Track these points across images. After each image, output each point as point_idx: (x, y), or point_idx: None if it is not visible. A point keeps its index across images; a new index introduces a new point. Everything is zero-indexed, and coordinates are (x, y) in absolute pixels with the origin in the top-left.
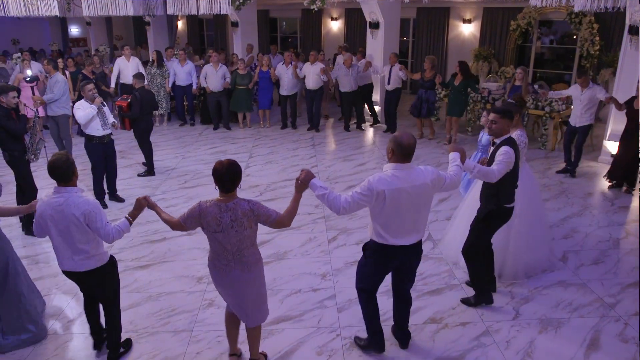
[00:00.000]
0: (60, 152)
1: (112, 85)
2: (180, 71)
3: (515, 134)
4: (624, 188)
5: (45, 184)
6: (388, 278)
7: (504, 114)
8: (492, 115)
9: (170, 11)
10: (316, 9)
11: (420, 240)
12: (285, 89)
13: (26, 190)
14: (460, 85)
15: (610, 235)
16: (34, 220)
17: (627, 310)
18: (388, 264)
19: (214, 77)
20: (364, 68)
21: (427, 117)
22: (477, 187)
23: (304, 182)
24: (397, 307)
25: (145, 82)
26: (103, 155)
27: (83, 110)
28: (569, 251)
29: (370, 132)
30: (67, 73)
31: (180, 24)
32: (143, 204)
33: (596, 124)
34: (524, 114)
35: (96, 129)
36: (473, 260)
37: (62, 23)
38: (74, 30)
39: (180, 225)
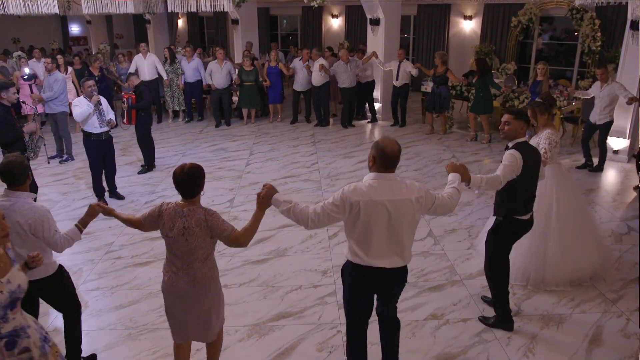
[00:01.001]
0: (16, 154)
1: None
2: (187, 67)
3: (545, 132)
4: None
5: (44, 182)
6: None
7: (519, 115)
8: (505, 117)
9: (170, 9)
10: (316, 6)
11: (405, 266)
12: (299, 85)
13: None
14: (477, 83)
15: (612, 231)
16: None
17: (629, 306)
18: (367, 288)
19: (219, 73)
20: (365, 60)
21: (442, 112)
22: None
23: (265, 198)
24: (385, 331)
25: (165, 77)
26: (101, 152)
27: (80, 108)
28: None
29: (370, 129)
30: (71, 70)
31: (180, 22)
32: (97, 210)
33: None
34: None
35: (93, 126)
36: (492, 279)
37: (62, 21)
38: (74, 29)
39: (140, 223)
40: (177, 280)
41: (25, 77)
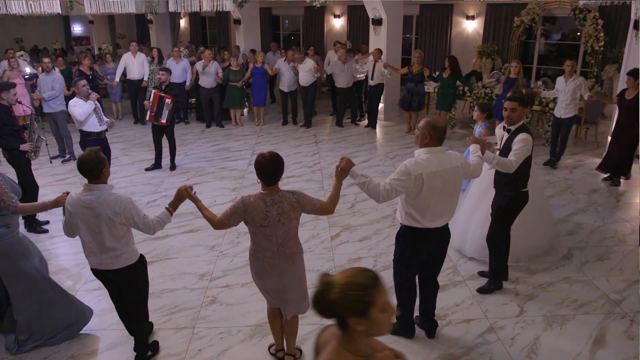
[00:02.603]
0: (92, 148)
1: (117, 79)
2: (175, 68)
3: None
4: (622, 179)
5: (46, 182)
6: None
7: (523, 102)
8: (510, 104)
9: (172, 8)
10: (319, 6)
11: (447, 223)
12: (286, 86)
13: (27, 187)
14: (447, 79)
15: (615, 231)
16: (63, 219)
17: (633, 307)
18: (423, 248)
19: (207, 74)
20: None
21: (418, 111)
22: (476, 179)
23: (344, 169)
24: (425, 292)
25: (145, 79)
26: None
27: (80, 107)
28: (574, 247)
29: (372, 129)
30: (57, 70)
31: (182, 22)
32: (185, 194)
33: (601, 121)
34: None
35: (94, 125)
36: (498, 250)
37: (65, 21)
38: (77, 29)
39: (223, 223)
40: (277, 262)
41: (27, 76)
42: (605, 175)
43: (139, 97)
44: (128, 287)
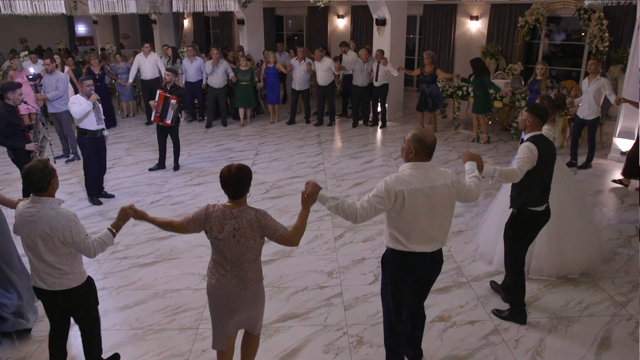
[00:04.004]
0: (41, 159)
1: (131, 80)
2: (190, 67)
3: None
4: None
5: None
6: None
7: (531, 109)
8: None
9: (176, 9)
10: (322, 6)
11: (441, 249)
12: (297, 84)
13: None
14: (474, 82)
15: (620, 232)
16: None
17: (639, 309)
18: (409, 274)
19: (215, 73)
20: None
21: (433, 111)
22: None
23: (311, 195)
24: (412, 322)
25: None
26: (95, 150)
27: (79, 105)
28: None
29: (376, 130)
30: (68, 69)
31: (186, 22)
32: (129, 213)
33: (606, 122)
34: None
35: (90, 123)
36: (510, 272)
37: (69, 22)
38: (81, 29)
39: (182, 226)
40: (227, 283)
41: (30, 76)
42: (617, 179)
43: (154, 96)
44: (76, 310)
